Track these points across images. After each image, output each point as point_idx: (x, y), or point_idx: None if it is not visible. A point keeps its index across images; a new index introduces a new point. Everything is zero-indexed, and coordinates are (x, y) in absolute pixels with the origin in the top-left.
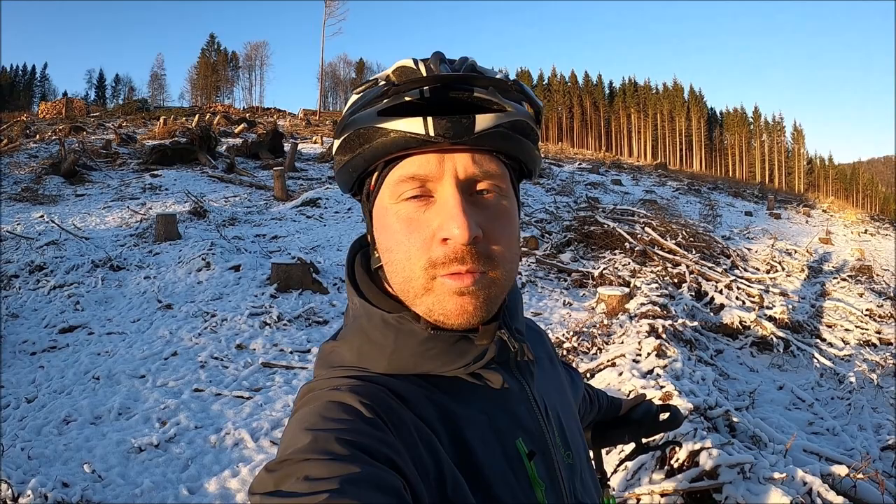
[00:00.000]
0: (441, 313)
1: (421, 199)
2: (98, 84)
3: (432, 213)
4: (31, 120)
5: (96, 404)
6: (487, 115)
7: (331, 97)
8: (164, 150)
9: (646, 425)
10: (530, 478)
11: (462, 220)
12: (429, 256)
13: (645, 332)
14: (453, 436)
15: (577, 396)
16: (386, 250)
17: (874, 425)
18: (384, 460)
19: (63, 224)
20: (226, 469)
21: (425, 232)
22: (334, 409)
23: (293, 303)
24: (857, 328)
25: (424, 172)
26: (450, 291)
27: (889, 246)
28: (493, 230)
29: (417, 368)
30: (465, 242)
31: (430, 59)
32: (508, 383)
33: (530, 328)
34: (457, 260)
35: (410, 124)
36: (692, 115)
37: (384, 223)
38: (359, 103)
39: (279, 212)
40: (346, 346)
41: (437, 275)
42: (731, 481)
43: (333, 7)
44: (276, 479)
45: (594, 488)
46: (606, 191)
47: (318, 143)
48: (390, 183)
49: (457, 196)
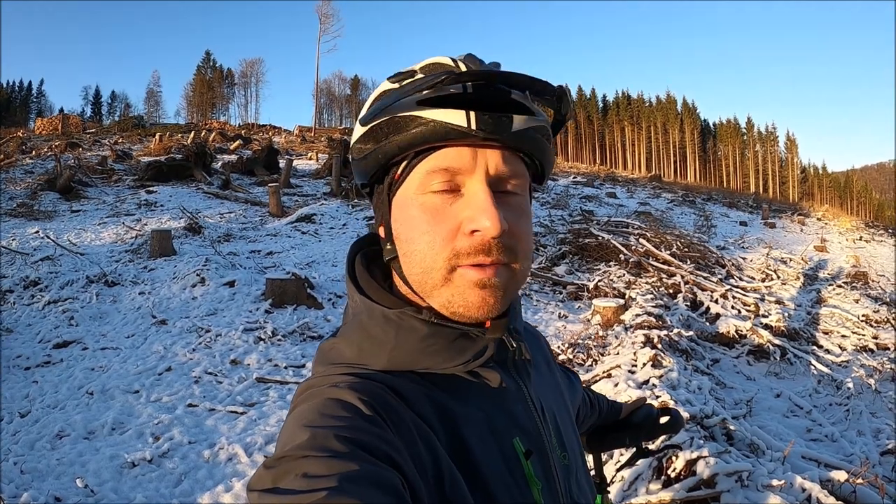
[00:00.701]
0: (461, 304)
1: (448, 193)
2: (94, 100)
3: (460, 205)
4: (28, 136)
5: (90, 419)
6: (522, 117)
7: (326, 114)
8: (160, 167)
9: (646, 429)
10: (527, 477)
11: (494, 212)
12: (453, 246)
13: (640, 343)
14: (451, 434)
15: (575, 399)
16: (406, 240)
17: (873, 430)
18: (383, 458)
19: (58, 240)
20: (219, 484)
21: (451, 223)
22: (333, 407)
23: (288, 318)
24: (854, 334)
25: (458, 165)
26: (471, 283)
27: (884, 252)
28: (515, 227)
29: (417, 365)
30: (495, 235)
31: (466, 58)
32: (506, 382)
33: (528, 331)
34: (483, 251)
35: (453, 115)
36: (685, 127)
37: (407, 213)
38: (397, 93)
39: (274, 228)
40: (345, 343)
41: (458, 265)
42: (728, 490)
43: (328, 24)
44: (274, 476)
45: (589, 490)
46: (601, 203)
47: (314, 160)
48: (420, 173)
49: (487, 190)
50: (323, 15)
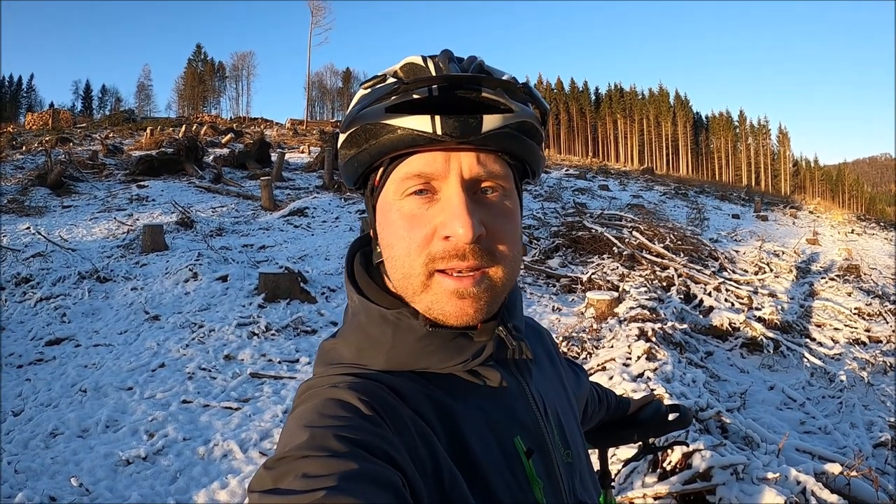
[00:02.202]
0: (440, 313)
1: (425, 194)
2: (85, 95)
3: (435, 210)
4: (18, 131)
5: (83, 417)
6: (494, 116)
7: (318, 107)
8: (151, 161)
9: (654, 425)
10: (528, 476)
11: (466, 218)
12: (428, 251)
13: (634, 336)
14: (451, 433)
15: (581, 393)
16: (387, 245)
17: (866, 423)
18: (382, 457)
19: (49, 236)
20: (215, 481)
21: (427, 228)
22: (332, 407)
23: (281, 313)
24: (847, 327)
25: (430, 170)
26: (448, 292)
27: (876, 245)
28: (495, 228)
29: (416, 365)
30: (468, 241)
31: (439, 56)
32: (507, 381)
33: (530, 326)
34: (457, 256)
35: (418, 122)
36: (678, 120)
37: (387, 219)
38: (367, 99)
39: (266, 222)
40: (344, 344)
41: (435, 269)
42: (724, 482)
43: (319, 17)
44: (274, 477)
45: (594, 487)
46: (594, 196)
47: (306, 153)
48: (395, 179)
49: (461, 195)
50: (314, 7)
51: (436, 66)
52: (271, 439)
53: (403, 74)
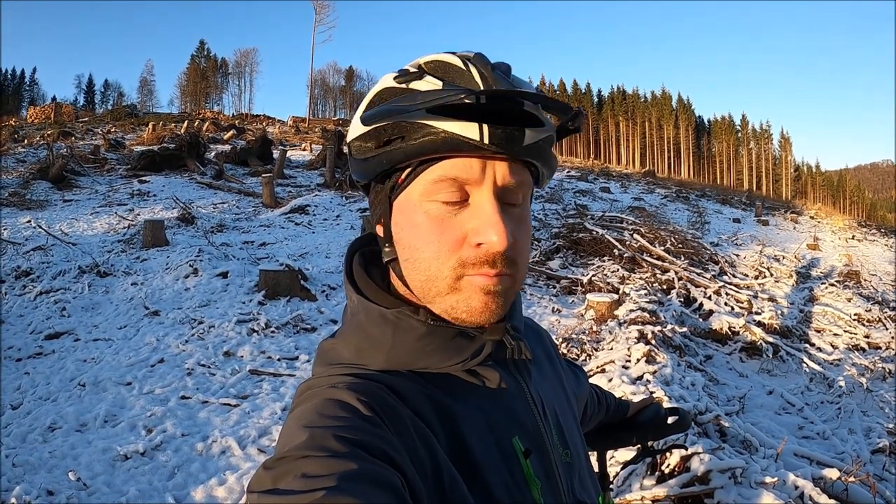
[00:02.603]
0: (465, 310)
1: (455, 202)
2: (87, 89)
3: (466, 215)
4: (20, 124)
5: (82, 411)
6: (534, 130)
7: (320, 104)
8: (153, 156)
9: (653, 428)
10: (526, 476)
11: (501, 227)
12: (458, 256)
13: (634, 339)
14: (450, 433)
15: (580, 394)
16: (409, 247)
17: (864, 429)
18: (382, 457)
19: (50, 229)
20: (213, 477)
21: (457, 233)
22: (332, 407)
23: (281, 310)
24: (846, 332)
25: (466, 176)
26: (477, 289)
27: (876, 251)
28: (518, 238)
29: (415, 364)
30: (501, 250)
31: (475, 59)
32: (506, 381)
33: (529, 327)
34: (488, 263)
35: (465, 128)
36: (680, 123)
37: (411, 219)
38: (404, 95)
39: (267, 219)
40: (343, 344)
41: (465, 274)
42: (722, 486)
43: (323, 14)
44: (273, 477)
45: (593, 487)
46: (595, 198)
47: (307, 151)
48: (426, 181)
49: (495, 203)
50: (318, 5)
51: (480, 74)
52: (270, 436)
53: (441, 74)
